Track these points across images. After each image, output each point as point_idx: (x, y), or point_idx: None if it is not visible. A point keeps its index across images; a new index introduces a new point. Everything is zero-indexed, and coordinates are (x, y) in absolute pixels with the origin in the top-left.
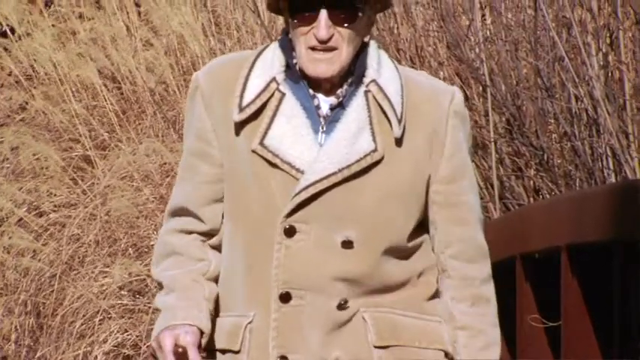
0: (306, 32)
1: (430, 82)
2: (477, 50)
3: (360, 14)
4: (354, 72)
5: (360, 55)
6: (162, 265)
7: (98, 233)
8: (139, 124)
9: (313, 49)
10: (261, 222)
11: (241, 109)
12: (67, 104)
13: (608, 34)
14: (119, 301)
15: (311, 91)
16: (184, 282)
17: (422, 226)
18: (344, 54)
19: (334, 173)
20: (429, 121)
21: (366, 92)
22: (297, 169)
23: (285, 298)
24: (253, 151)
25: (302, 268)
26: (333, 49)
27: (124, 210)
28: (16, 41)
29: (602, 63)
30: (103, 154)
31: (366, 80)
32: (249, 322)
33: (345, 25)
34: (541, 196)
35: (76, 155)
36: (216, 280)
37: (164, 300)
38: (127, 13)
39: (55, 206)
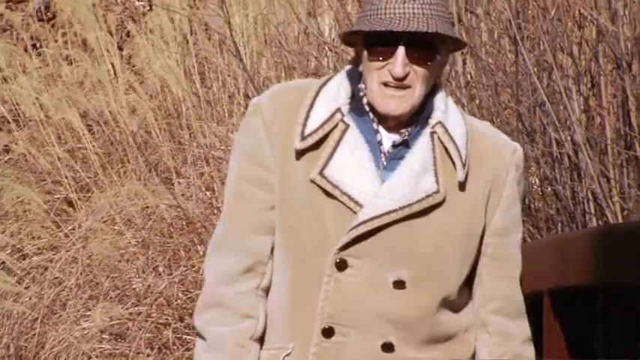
0: (380, 67)
1: (494, 132)
2: (458, 94)
3: (437, 55)
4: (421, 112)
5: (429, 95)
6: (207, 316)
7: (80, 277)
8: (122, 167)
9: (386, 85)
10: (313, 253)
11: (303, 137)
12: (51, 147)
13: (589, 79)
14: (100, 345)
15: (375, 125)
16: (230, 345)
17: (472, 281)
18: (417, 93)
19: (395, 210)
20: (490, 170)
21: (432, 133)
22: (356, 202)
23: (328, 332)
24: (312, 181)
25: (350, 304)
26: (406, 87)
27: (105, 253)
28: (2, 83)
29: (583, 107)
30: (85, 197)
31: (432, 122)
32: (287, 355)
33: (422, 64)
34: (523, 241)
35: (59, 198)
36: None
37: (208, 358)
38: (111, 56)
39: (38, 249)
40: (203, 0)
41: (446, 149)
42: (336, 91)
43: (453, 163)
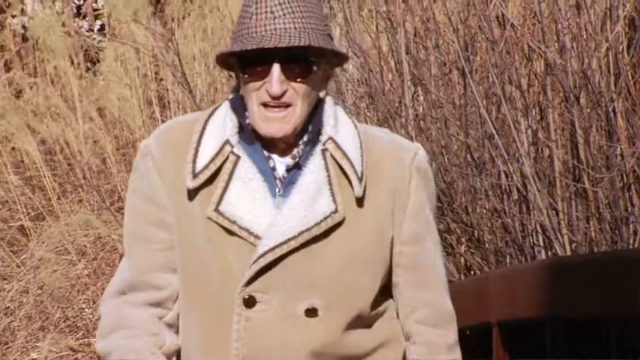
0: (257, 88)
1: (392, 137)
2: (408, 127)
3: (314, 68)
4: (309, 129)
5: (315, 111)
6: (111, 338)
7: (31, 307)
8: (77, 196)
9: (266, 105)
10: (218, 293)
11: (195, 176)
12: (5, 175)
13: (537, 112)
14: None
15: (265, 152)
16: (141, 353)
17: (386, 291)
18: (298, 111)
19: (294, 237)
20: (390, 178)
21: (324, 151)
22: (255, 235)
23: None
24: (209, 218)
25: (264, 342)
26: (287, 105)
27: (56, 284)
28: None
29: (531, 140)
30: (39, 225)
31: (323, 138)
32: None
33: (299, 79)
34: (472, 273)
35: (12, 226)
36: (170, 358)
37: None
38: (71, 85)
39: None
40: (154, 32)
41: (340, 166)
42: (223, 121)
43: (349, 179)
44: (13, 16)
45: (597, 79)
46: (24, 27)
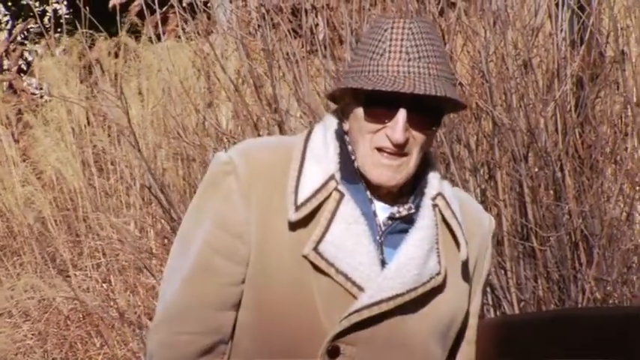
0: (375, 130)
1: (470, 200)
2: None
3: (441, 120)
4: (421, 182)
5: (421, 163)
6: None
7: None
8: (18, 259)
9: (380, 150)
10: (298, 335)
11: (297, 208)
12: None
13: (486, 171)
14: None
15: (368, 194)
16: None
17: None
18: (413, 161)
19: (401, 294)
20: (476, 245)
21: (434, 206)
22: (353, 283)
23: None
24: (304, 257)
25: None
26: (403, 155)
27: (1, 347)
28: None
29: (480, 199)
30: None
31: (431, 192)
32: None
33: (423, 130)
34: None
35: None
36: None
37: None
38: (7, 147)
39: None
40: (100, 91)
41: (448, 225)
42: (325, 152)
43: (456, 240)
44: None
45: (544, 138)
46: None
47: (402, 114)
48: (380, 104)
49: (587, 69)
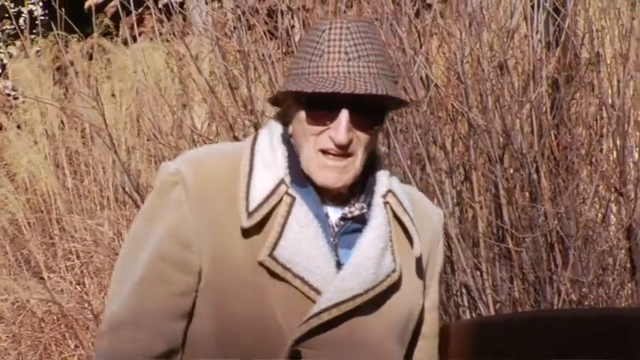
0: (319, 132)
1: (420, 196)
2: None
3: (384, 118)
4: (369, 180)
5: (368, 161)
6: None
7: None
8: None
9: (325, 152)
10: (257, 342)
11: (250, 214)
12: None
13: (462, 172)
14: None
15: (319, 196)
16: None
17: None
18: (358, 162)
19: (360, 295)
20: (428, 240)
21: (385, 204)
22: (311, 286)
23: None
24: (260, 263)
25: None
26: (348, 155)
27: None
28: None
29: (456, 201)
30: None
31: (381, 190)
32: None
33: (366, 129)
34: None
35: None
36: None
37: None
38: None
39: None
40: (76, 92)
41: (400, 222)
42: (272, 156)
43: (409, 237)
44: None
45: (520, 139)
46: None
47: (344, 115)
48: (321, 106)
49: (563, 71)
